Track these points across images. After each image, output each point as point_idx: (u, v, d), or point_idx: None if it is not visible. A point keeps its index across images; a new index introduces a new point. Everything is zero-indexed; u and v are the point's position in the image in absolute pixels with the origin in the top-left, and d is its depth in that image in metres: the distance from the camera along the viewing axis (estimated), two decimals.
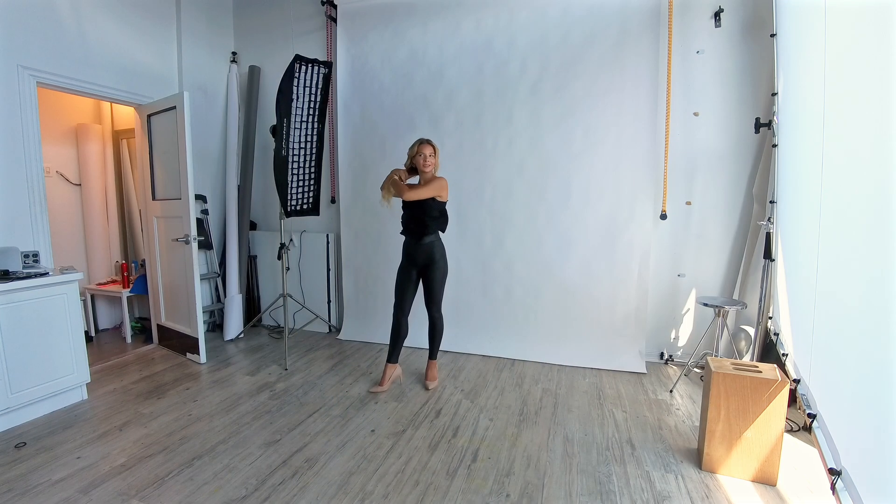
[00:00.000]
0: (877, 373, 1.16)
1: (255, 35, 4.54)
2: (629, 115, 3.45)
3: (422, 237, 2.99)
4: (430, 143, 2.99)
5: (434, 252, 3.02)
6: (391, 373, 3.18)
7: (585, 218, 3.61)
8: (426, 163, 2.94)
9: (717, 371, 2.14)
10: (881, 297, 1.13)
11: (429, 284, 3.08)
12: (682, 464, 2.27)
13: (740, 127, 3.33)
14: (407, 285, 3.08)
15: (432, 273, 3.04)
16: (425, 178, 3.00)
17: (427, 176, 2.99)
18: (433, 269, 3.04)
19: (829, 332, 1.61)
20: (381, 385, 3.13)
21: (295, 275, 4.45)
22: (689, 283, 3.57)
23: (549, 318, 3.74)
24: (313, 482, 2.12)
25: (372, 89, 4.08)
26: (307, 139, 3.71)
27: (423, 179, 3.01)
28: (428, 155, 2.94)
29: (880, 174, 1.15)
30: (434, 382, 3.20)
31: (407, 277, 3.08)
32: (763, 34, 3.17)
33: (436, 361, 3.27)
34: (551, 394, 3.08)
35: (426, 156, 2.94)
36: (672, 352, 3.65)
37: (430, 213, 2.94)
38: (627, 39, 3.42)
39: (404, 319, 3.10)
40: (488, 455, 2.35)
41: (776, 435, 2.07)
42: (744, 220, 3.41)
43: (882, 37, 1.16)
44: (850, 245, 1.39)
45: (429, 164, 2.95)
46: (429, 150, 2.95)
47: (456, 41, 3.82)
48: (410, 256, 3.06)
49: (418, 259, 3.04)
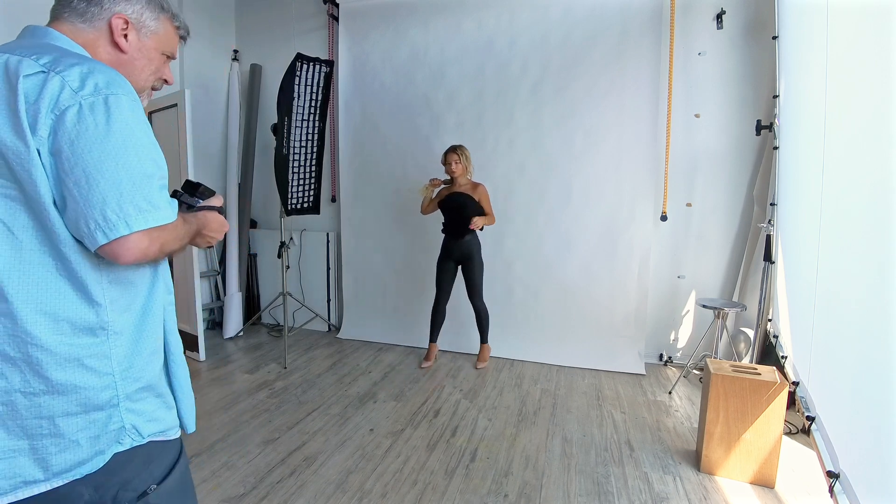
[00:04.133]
0: (876, 376, 1.16)
1: (256, 33, 4.54)
2: (630, 116, 3.45)
3: (462, 235, 3.34)
4: (456, 151, 3.32)
5: (472, 249, 3.39)
6: (434, 350, 3.60)
7: (586, 218, 3.61)
8: (451, 170, 3.32)
9: (717, 373, 2.14)
10: (881, 301, 1.13)
11: (470, 278, 3.45)
12: (681, 465, 2.27)
13: (741, 129, 3.33)
14: (446, 277, 3.48)
15: (471, 267, 3.42)
16: (460, 184, 3.36)
17: (461, 180, 3.36)
18: (472, 264, 3.41)
19: (829, 334, 1.61)
20: (428, 361, 3.54)
21: (295, 273, 4.45)
22: (688, 285, 3.57)
23: (549, 318, 3.74)
24: (312, 481, 2.12)
25: (373, 88, 4.08)
26: (308, 138, 3.71)
27: (455, 185, 3.37)
28: (453, 163, 3.30)
29: (881, 177, 1.15)
30: (484, 364, 3.54)
31: (446, 270, 3.48)
32: (765, 36, 3.17)
33: (487, 345, 3.59)
34: (550, 394, 3.08)
35: (452, 164, 3.30)
36: (671, 353, 3.65)
37: (467, 212, 3.30)
38: (629, 40, 3.42)
39: (442, 307, 3.53)
40: (487, 455, 2.35)
41: (775, 437, 2.07)
42: (744, 222, 3.41)
43: (883, 39, 1.16)
44: (851, 248, 1.39)
45: (453, 170, 3.31)
46: (453, 158, 3.30)
47: (457, 41, 3.82)
48: (450, 252, 3.43)
49: (456, 255, 3.42)
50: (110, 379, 0.78)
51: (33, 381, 0.72)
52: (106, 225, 0.72)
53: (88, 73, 0.73)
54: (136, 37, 0.89)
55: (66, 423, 0.75)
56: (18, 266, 0.72)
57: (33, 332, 0.72)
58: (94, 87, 0.72)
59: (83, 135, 0.71)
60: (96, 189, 0.71)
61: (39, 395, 0.73)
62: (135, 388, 0.82)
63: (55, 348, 0.73)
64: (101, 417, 0.78)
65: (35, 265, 0.73)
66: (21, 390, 0.72)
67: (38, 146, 0.70)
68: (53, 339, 0.73)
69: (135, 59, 0.90)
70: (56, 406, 0.74)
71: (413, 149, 3.99)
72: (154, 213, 0.76)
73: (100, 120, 0.72)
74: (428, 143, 3.93)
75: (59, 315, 0.74)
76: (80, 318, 0.76)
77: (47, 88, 0.70)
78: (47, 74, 0.71)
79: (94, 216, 0.71)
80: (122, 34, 0.87)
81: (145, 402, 0.85)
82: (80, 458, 0.76)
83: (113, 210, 0.72)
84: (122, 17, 0.86)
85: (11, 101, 0.70)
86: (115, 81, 0.75)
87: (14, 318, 0.71)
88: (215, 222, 0.97)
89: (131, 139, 0.75)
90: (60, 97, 0.70)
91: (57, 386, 0.73)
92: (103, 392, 0.78)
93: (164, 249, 0.81)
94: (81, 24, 0.85)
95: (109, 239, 0.72)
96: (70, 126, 0.70)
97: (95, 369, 0.77)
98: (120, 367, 0.80)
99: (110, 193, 0.72)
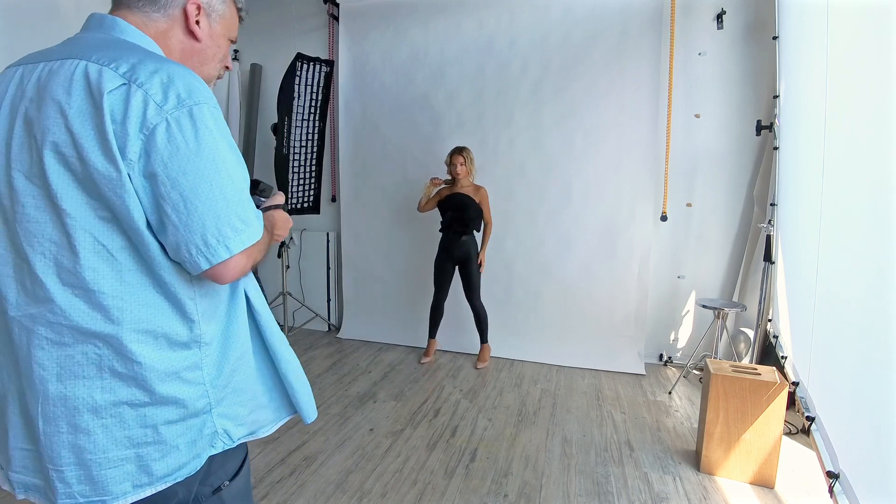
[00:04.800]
0: (876, 376, 1.16)
1: (256, 33, 4.53)
2: (630, 117, 3.45)
3: (462, 235, 3.39)
4: (461, 153, 3.36)
5: (470, 249, 3.43)
6: (434, 346, 3.67)
7: (586, 219, 3.61)
8: (456, 172, 3.36)
9: (716, 373, 2.14)
10: (881, 301, 1.13)
11: (467, 278, 3.47)
12: (681, 465, 2.27)
13: (741, 129, 3.33)
14: (444, 276, 3.53)
15: (469, 268, 3.45)
16: (462, 185, 3.41)
17: (463, 182, 3.41)
18: (469, 265, 3.44)
19: (829, 335, 1.61)
20: (427, 356, 3.61)
21: (295, 273, 4.45)
22: (688, 285, 3.57)
23: (549, 318, 3.74)
24: (311, 480, 2.12)
25: (373, 88, 4.08)
26: (308, 138, 3.71)
27: (457, 185, 3.42)
28: (458, 164, 3.34)
29: (881, 177, 1.15)
30: (484, 364, 3.54)
31: (444, 269, 3.52)
32: (765, 36, 3.17)
33: (487, 345, 3.60)
34: (550, 394, 3.08)
35: (457, 165, 3.35)
36: (671, 353, 3.65)
37: (469, 213, 3.38)
38: (629, 40, 3.42)
39: (441, 304, 3.60)
40: (486, 455, 2.35)
41: (774, 437, 2.07)
42: (744, 222, 3.41)
43: (883, 40, 1.16)
44: (851, 248, 1.39)
45: (459, 173, 3.36)
46: (458, 160, 3.34)
47: (457, 41, 3.82)
48: (449, 251, 3.46)
49: (455, 254, 3.44)
50: (203, 388, 0.81)
51: (139, 394, 0.75)
52: (207, 251, 0.72)
53: (169, 82, 0.71)
54: (207, 23, 0.87)
55: (168, 430, 0.77)
56: (121, 287, 0.73)
57: (136, 350, 0.73)
58: (177, 100, 0.70)
59: (175, 156, 0.70)
60: (195, 213, 0.71)
61: (145, 406, 0.75)
62: (225, 394, 0.84)
63: (157, 364, 0.75)
64: (196, 423, 0.80)
65: (135, 286, 0.74)
66: (128, 402, 0.74)
67: (128, 170, 0.69)
68: (154, 356, 0.75)
69: (207, 47, 0.88)
70: (159, 415, 0.76)
71: (413, 149, 3.99)
72: (248, 231, 0.77)
73: (189, 137, 0.70)
74: (428, 143, 3.93)
75: (158, 332, 0.76)
76: (177, 333, 0.77)
77: (132, 106, 0.68)
78: (129, 87, 0.69)
79: (195, 242, 0.71)
80: (195, 20, 0.85)
81: (235, 406, 0.87)
82: (181, 463, 0.79)
83: (213, 234, 0.72)
84: (195, 2, 0.84)
85: (98, 121, 0.68)
86: (195, 88, 0.74)
87: (120, 339, 0.73)
88: (281, 220, 0.97)
89: (219, 153, 0.74)
90: (147, 115, 0.68)
91: (160, 398, 0.76)
92: (199, 401, 0.80)
93: (256, 261, 0.83)
94: (155, 13, 0.82)
95: (212, 264, 0.73)
96: (162, 147, 0.69)
97: (191, 381, 0.79)
98: (210, 376, 0.82)
99: (208, 217, 0.72)
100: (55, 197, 0.69)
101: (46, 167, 0.69)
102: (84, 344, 0.72)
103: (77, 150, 0.68)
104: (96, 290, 0.71)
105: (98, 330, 0.72)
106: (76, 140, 0.68)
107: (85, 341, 0.72)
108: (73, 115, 0.68)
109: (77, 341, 0.72)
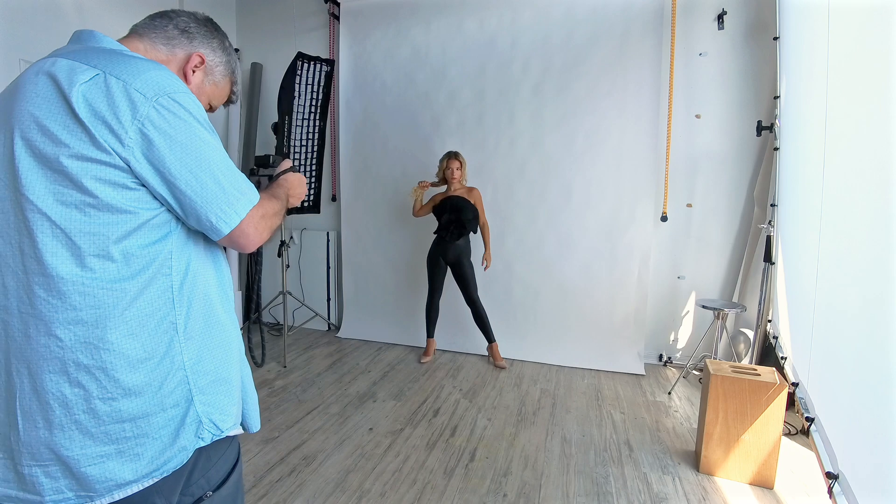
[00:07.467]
0: (876, 377, 1.16)
1: (257, 32, 4.54)
2: (631, 117, 3.45)
3: (458, 237, 3.41)
4: (457, 158, 3.42)
5: (463, 252, 3.46)
6: (433, 345, 3.67)
7: (586, 219, 3.61)
8: (454, 176, 3.40)
9: (716, 374, 2.14)
10: (881, 302, 1.13)
11: (462, 281, 3.50)
12: (680, 466, 2.28)
13: (742, 130, 3.33)
14: (438, 276, 3.56)
15: (463, 270, 3.47)
16: (455, 188, 3.44)
17: (457, 185, 3.44)
18: (463, 267, 3.47)
19: (829, 335, 1.61)
20: (427, 356, 3.62)
21: (295, 272, 4.45)
22: (688, 286, 3.57)
23: (549, 318, 3.74)
24: (311, 480, 2.12)
25: (374, 88, 4.08)
26: (309, 137, 3.71)
27: (451, 189, 3.45)
28: (455, 168, 3.40)
29: (881, 178, 1.15)
30: (502, 362, 3.52)
31: (437, 268, 3.54)
32: (766, 37, 3.17)
33: (496, 343, 3.56)
34: (550, 394, 3.08)
35: (453, 169, 3.39)
36: (671, 354, 3.65)
37: (466, 215, 3.39)
38: (630, 41, 3.42)
39: (436, 303, 3.61)
40: (486, 455, 2.35)
41: (774, 438, 2.07)
42: (744, 223, 3.41)
43: (884, 40, 1.16)
44: (851, 249, 1.39)
45: (455, 176, 3.41)
46: (455, 165, 3.40)
47: (459, 41, 3.82)
48: (443, 253, 3.48)
49: (449, 256, 3.47)
50: (182, 374, 0.80)
51: (109, 387, 0.73)
52: (225, 216, 0.79)
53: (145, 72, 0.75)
54: (202, 77, 0.94)
55: (147, 423, 0.76)
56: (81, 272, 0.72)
57: (109, 338, 0.73)
58: (158, 88, 0.74)
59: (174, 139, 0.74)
60: (206, 186, 0.77)
61: (118, 399, 0.74)
62: (207, 381, 0.83)
63: (128, 351, 0.74)
64: (178, 414, 0.79)
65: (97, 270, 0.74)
66: (100, 397, 0.73)
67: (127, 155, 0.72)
68: (127, 342, 0.74)
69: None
70: (134, 408, 0.75)
71: (414, 148, 3.99)
72: (250, 193, 0.84)
73: (180, 121, 0.75)
74: (428, 142, 3.93)
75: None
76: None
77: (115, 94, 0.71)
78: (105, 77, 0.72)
79: (214, 210, 0.78)
80: (192, 69, 0.91)
81: (219, 394, 0.85)
82: (166, 456, 0.78)
83: (224, 202, 0.79)
84: (201, 55, 0.92)
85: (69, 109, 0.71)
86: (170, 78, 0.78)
87: (85, 324, 0.72)
88: (297, 181, 1.04)
89: (205, 136, 0.79)
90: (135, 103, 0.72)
91: (130, 389, 0.75)
92: (178, 388, 0.79)
93: (272, 227, 0.89)
94: (161, 46, 0.88)
95: (231, 227, 0.80)
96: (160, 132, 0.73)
97: (167, 367, 0.78)
98: (191, 362, 0.81)
99: (215, 188, 0.78)
100: (21, 186, 0.71)
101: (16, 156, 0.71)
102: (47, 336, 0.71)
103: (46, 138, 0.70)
104: (55, 276, 0.71)
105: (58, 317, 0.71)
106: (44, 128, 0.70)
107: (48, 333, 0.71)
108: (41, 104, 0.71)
109: (40, 333, 0.72)
